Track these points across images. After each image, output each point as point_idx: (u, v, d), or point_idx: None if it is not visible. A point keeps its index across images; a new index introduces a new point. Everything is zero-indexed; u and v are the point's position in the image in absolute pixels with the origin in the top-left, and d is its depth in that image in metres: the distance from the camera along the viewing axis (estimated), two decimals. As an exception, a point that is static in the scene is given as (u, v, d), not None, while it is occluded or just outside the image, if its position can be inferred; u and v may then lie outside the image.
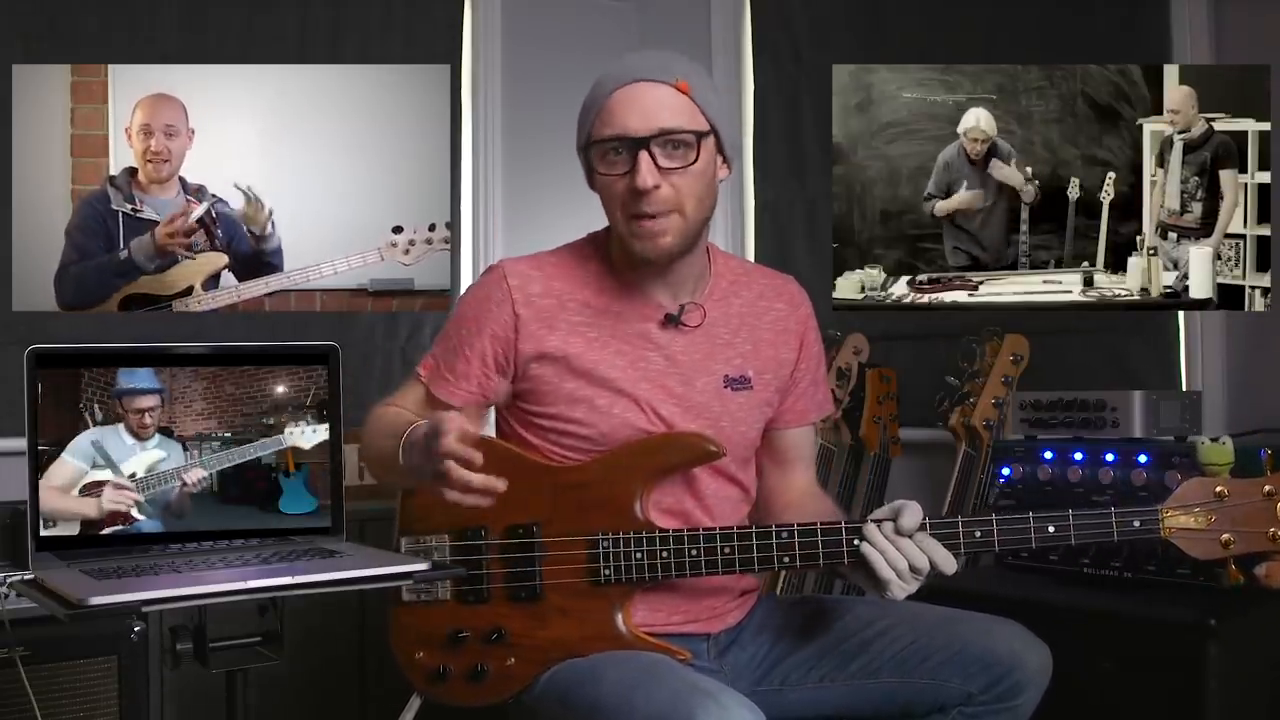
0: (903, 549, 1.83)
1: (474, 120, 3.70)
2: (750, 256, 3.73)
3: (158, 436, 1.83)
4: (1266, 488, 1.86)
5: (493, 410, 2.09)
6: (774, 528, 1.90)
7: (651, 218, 1.88)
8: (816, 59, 3.59)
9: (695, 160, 1.89)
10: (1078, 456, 2.44)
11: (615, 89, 1.90)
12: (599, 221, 2.08)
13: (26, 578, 1.68)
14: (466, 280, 3.67)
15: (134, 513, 1.82)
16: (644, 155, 1.86)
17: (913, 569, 1.82)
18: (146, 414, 1.82)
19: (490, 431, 2.11)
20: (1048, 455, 2.49)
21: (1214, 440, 1.99)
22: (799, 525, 1.90)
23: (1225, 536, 1.87)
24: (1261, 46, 2.72)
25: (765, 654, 2.04)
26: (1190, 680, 2.11)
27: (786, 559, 1.90)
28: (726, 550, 1.91)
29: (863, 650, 1.98)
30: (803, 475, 2.18)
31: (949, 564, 1.84)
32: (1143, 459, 2.34)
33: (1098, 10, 2.98)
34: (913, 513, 1.84)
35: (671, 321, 2.00)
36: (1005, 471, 2.56)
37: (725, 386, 2.02)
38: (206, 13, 3.31)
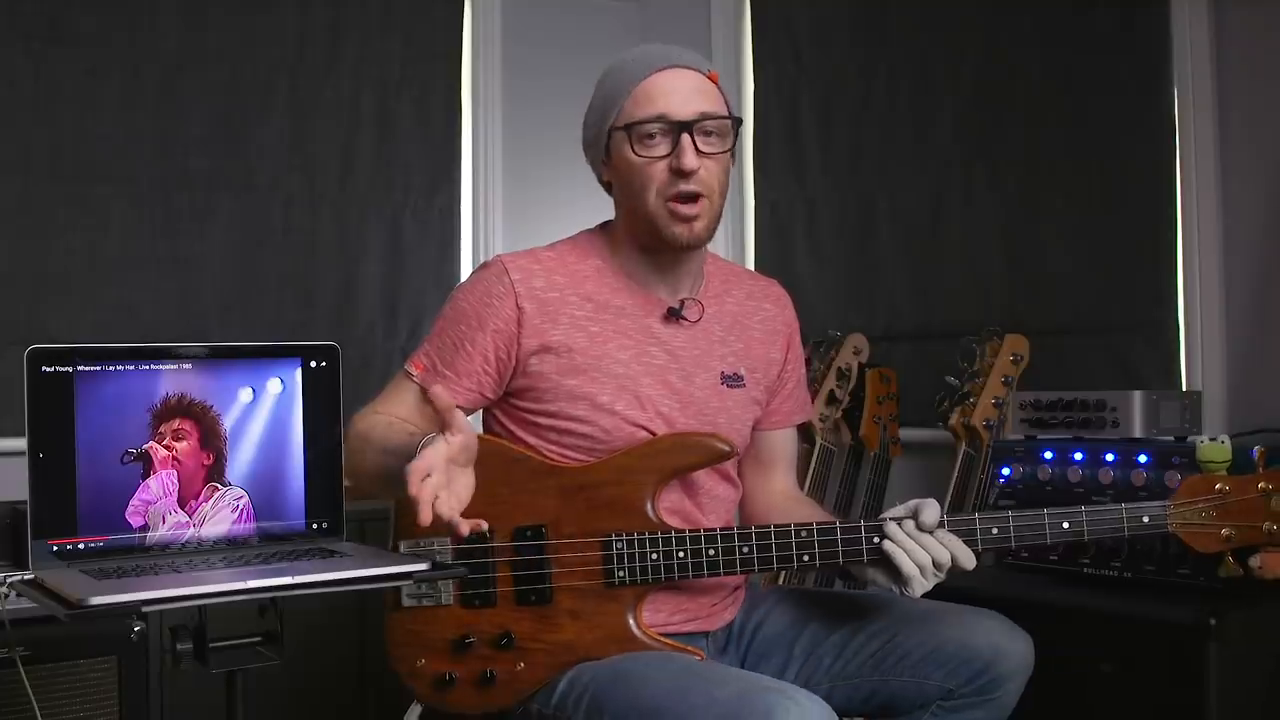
0: (925, 545, 1.84)
1: (473, 119, 3.70)
2: (750, 256, 3.73)
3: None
4: (1261, 484, 1.94)
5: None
6: (793, 526, 1.90)
7: (689, 200, 1.89)
8: (816, 59, 3.59)
9: (730, 147, 1.93)
10: (1078, 456, 2.44)
11: (651, 72, 1.92)
12: (599, 220, 2.07)
13: (26, 578, 1.67)
14: (465, 271, 3.67)
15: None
16: (687, 137, 1.88)
17: (935, 564, 1.83)
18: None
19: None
20: (1048, 455, 2.49)
21: (1212, 440, 2.05)
22: (818, 524, 1.90)
23: (1225, 531, 1.94)
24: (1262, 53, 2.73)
25: (745, 654, 2.05)
26: (1190, 680, 2.11)
27: (806, 558, 1.89)
28: (745, 550, 1.90)
29: (840, 650, 1.98)
30: (784, 477, 2.19)
31: (969, 559, 1.85)
32: (1143, 459, 2.33)
33: (1097, 11, 2.98)
34: (932, 509, 1.86)
35: (674, 316, 2.00)
36: (1005, 471, 2.56)
37: (722, 383, 2.03)
38: (206, 12, 3.31)
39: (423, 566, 1.71)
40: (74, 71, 3.14)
